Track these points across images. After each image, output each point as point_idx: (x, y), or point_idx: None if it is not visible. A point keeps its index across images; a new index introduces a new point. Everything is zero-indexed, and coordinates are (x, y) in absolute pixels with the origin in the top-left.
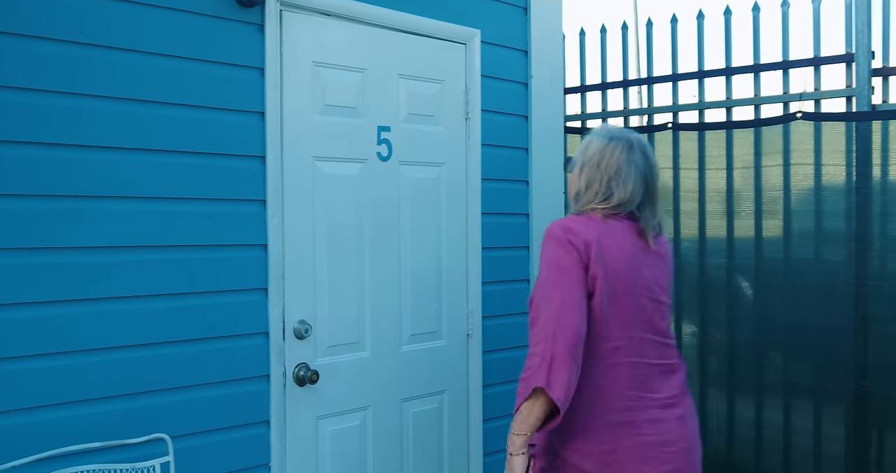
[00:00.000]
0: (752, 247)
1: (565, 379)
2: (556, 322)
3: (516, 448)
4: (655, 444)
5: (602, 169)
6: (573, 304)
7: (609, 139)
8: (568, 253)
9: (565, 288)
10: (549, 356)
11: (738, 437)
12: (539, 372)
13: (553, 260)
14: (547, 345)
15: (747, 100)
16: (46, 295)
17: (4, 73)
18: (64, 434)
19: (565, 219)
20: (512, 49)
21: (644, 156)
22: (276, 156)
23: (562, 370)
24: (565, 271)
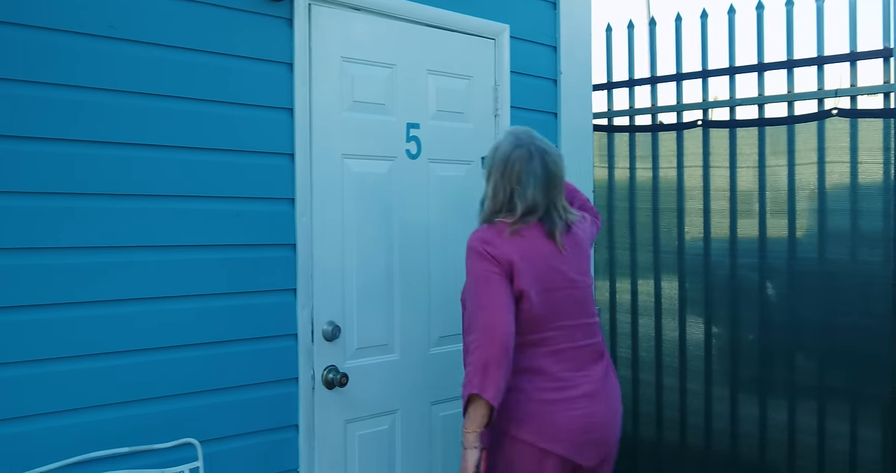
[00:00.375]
0: (785, 248)
1: (498, 383)
2: (486, 331)
3: (469, 443)
4: (584, 416)
5: (506, 178)
6: (500, 312)
7: (514, 147)
8: (490, 265)
9: (491, 298)
10: (482, 364)
11: (771, 440)
12: (475, 378)
13: (478, 274)
14: (480, 354)
15: (780, 96)
16: (72, 296)
17: (30, 68)
18: (91, 439)
19: (484, 233)
20: (541, 44)
21: (544, 164)
22: (305, 154)
23: (495, 375)
24: (489, 282)
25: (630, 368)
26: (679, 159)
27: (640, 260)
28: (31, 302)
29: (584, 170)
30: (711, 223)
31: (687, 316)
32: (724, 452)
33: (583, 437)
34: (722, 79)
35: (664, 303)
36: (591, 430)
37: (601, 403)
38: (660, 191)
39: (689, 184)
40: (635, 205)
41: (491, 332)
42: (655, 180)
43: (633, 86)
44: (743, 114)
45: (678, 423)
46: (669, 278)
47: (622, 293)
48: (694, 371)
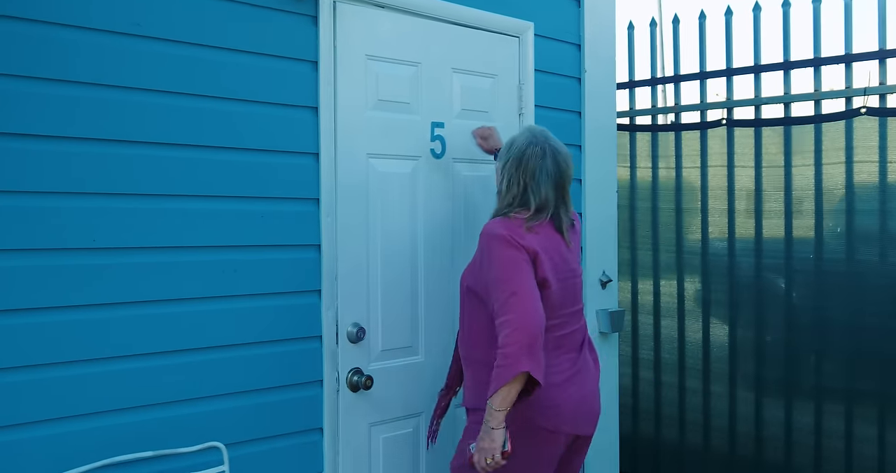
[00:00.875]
0: (812, 248)
1: (541, 360)
2: (524, 314)
3: (498, 422)
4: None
5: (520, 172)
6: (534, 296)
7: (529, 143)
8: (519, 252)
9: (525, 282)
10: (527, 344)
11: (797, 444)
12: (521, 359)
13: (508, 260)
14: (521, 335)
15: (807, 95)
16: (98, 298)
17: (55, 66)
18: (115, 443)
19: (506, 224)
20: (565, 42)
21: (556, 162)
22: (329, 153)
23: (538, 354)
24: (520, 268)
25: (652, 370)
26: (703, 159)
27: (663, 261)
28: (57, 304)
29: (608, 169)
30: (735, 223)
31: (710, 317)
32: (748, 456)
33: (580, 411)
34: (747, 77)
35: (687, 304)
36: (584, 403)
37: (588, 378)
38: (683, 190)
39: (713, 183)
40: (658, 205)
41: (529, 315)
42: (678, 180)
43: (656, 84)
44: (768, 113)
45: (701, 426)
46: (692, 279)
47: (644, 294)
48: (717, 373)
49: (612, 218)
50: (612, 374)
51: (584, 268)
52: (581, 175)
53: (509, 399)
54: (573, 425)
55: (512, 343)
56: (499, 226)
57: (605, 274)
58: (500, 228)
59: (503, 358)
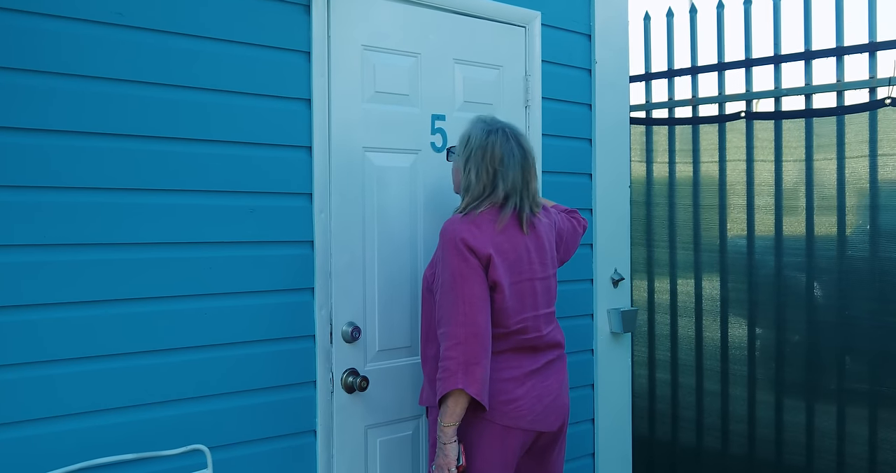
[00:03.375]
0: (834, 245)
1: (481, 376)
2: (465, 327)
3: (448, 437)
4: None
5: (486, 161)
6: (477, 308)
7: (488, 132)
8: (467, 261)
9: (471, 295)
10: (464, 360)
11: (819, 449)
12: (457, 375)
13: (456, 269)
14: (461, 350)
15: (829, 85)
16: (75, 295)
17: (33, 56)
18: (95, 445)
19: (460, 226)
20: (575, 33)
21: (519, 145)
22: (323, 147)
23: (477, 369)
24: (466, 279)
25: (669, 371)
26: (721, 153)
27: (680, 259)
28: (36, 302)
29: (620, 163)
30: (755, 220)
31: (729, 317)
32: (768, 461)
33: (541, 406)
34: (766, 68)
35: (705, 304)
36: (546, 396)
37: (552, 372)
38: (701, 186)
39: (732, 178)
40: (675, 201)
41: (472, 330)
42: (696, 175)
43: (673, 76)
44: (789, 104)
45: (719, 429)
46: (710, 277)
47: (661, 293)
48: (736, 374)
49: (625, 214)
50: (625, 375)
51: (595, 266)
52: (592, 170)
53: (457, 414)
54: (531, 420)
55: (451, 357)
56: (453, 229)
57: (617, 273)
58: (452, 233)
59: (442, 370)
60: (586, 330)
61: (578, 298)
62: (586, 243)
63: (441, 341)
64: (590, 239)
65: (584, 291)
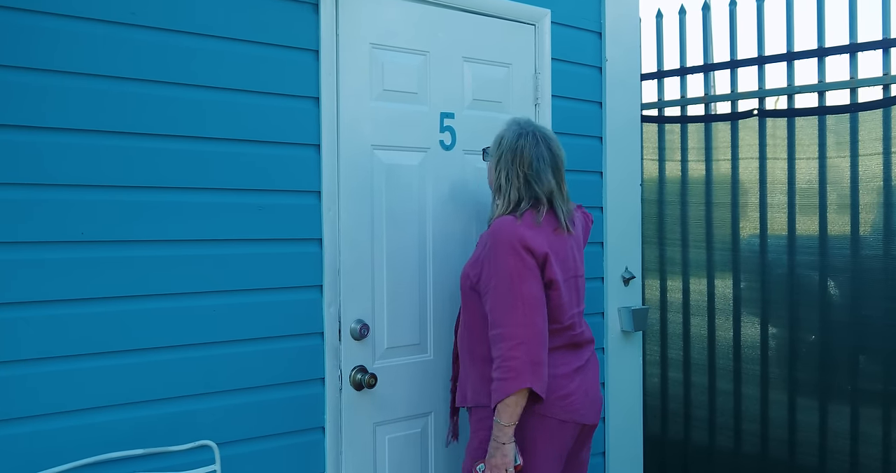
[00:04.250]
0: (849, 244)
1: (544, 375)
2: (525, 328)
3: (508, 437)
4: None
5: (517, 165)
6: (535, 308)
7: (518, 135)
8: (524, 261)
9: (526, 294)
10: (529, 360)
11: (832, 450)
12: (523, 374)
13: (511, 270)
14: (524, 350)
15: (843, 83)
16: (86, 292)
17: (46, 55)
18: (105, 440)
19: (514, 226)
20: (585, 30)
21: (549, 148)
22: (331, 145)
23: (542, 369)
24: (524, 279)
25: (681, 370)
26: (734, 151)
27: (693, 258)
28: (44, 298)
29: (631, 161)
30: (768, 218)
31: (742, 316)
32: (781, 461)
33: (587, 400)
34: (779, 65)
35: (718, 303)
36: (590, 392)
37: (591, 369)
38: (713, 184)
39: (745, 177)
40: (687, 199)
41: (533, 330)
42: (709, 173)
43: (685, 74)
44: (802, 102)
45: (732, 429)
46: (723, 276)
47: (673, 291)
48: (749, 374)
49: (636, 213)
50: (636, 374)
51: (606, 265)
52: (602, 168)
53: (517, 414)
54: (582, 414)
55: (515, 357)
56: (507, 227)
57: (628, 271)
58: (508, 231)
59: (506, 370)
60: (597, 328)
61: (589, 296)
62: (597, 241)
63: (496, 341)
64: (600, 237)
65: (595, 289)
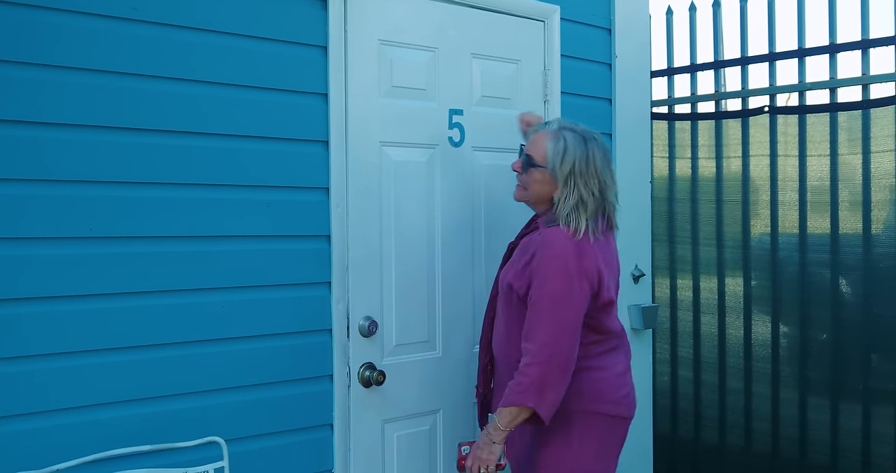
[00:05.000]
0: (861, 242)
1: (554, 400)
2: (554, 349)
3: (501, 439)
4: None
5: (592, 172)
6: (571, 333)
7: (584, 140)
8: (572, 288)
9: (561, 319)
10: (542, 382)
11: (843, 449)
12: (530, 391)
13: (555, 292)
14: (542, 370)
15: (854, 79)
16: (93, 287)
17: (47, 51)
18: (112, 436)
19: (570, 245)
20: (594, 27)
21: (604, 152)
22: (340, 141)
23: (551, 393)
24: (565, 304)
25: (691, 369)
26: (744, 148)
27: (703, 256)
28: (51, 294)
29: (641, 159)
30: (779, 216)
31: (753, 314)
32: (792, 459)
33: (632, 396)
34: (790, 62)
35: (728, 301)
36: (632, 389)
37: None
38: (724, 182)
39: (756, 174)
40: (698, 197)
41: (557, 356)
42: (719, 170)
43: (696, 71)
44: (813, 99)
45: (743, 428)
46: (734, 274)
47: (683, 289)
48: (760, 372)
49: (646, 210)
50: (646, 373)
51: None
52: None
53: (515, 423)
54: (634, 410)
55: (528, 374)
56: (561, 245)
57: (638, 269)
58: (562, 249)
59: (516, 384)
60: None
61: None
62: None
63: (523, 352)
64: None
65: None
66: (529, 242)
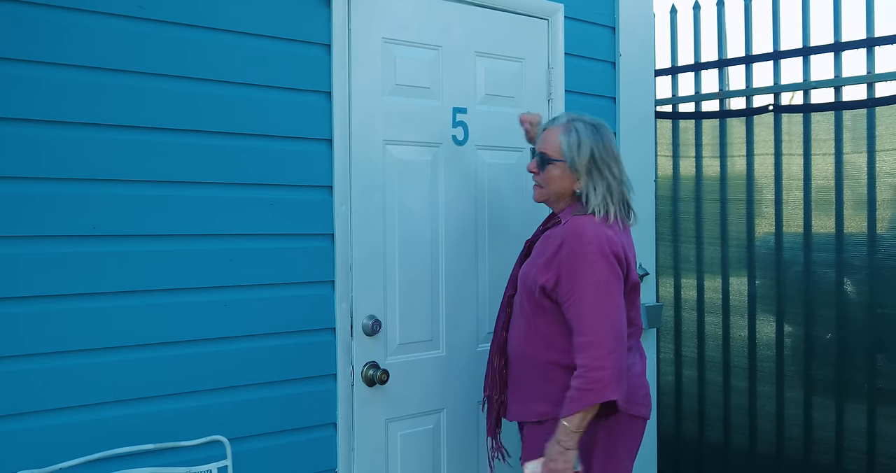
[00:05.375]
0: (866, 241)
1: (625, 386)
2: (614, 336)
3: (574, 443)
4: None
5: (610, 159)
6: (622, 317)
7: (596, 130)
8: (613, 268)
9: (615, 303)
10: (617, 370)
11: (848, 449)
12: (611, 385)
13: (601, 278)
14: (613, 360)
15: (859, 77)
16: (96, 286)
17: (54, 49)
18: (115, 435)
19: (599, 229)
20: (598, 25)
21: (613, 139)
22: (343, 140)
23: (624, 381)
24: (613, 288)
25: (696, 368)
26: (749, 147)
27: (707, 255)
28: (55, 292)
29: (645, 157)
30: (784, 215)
31: (757, 314)
32: (796, 459)
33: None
34: (795, 60)
35: (733, 300)
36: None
37: None
38: (728, 180)
39: (760, 173)
40: (702, 196)
41: (620, 342)
42: (723, 170)
43: (700, 70)
44: (818, 97)
45: (747, 427)
46: (738, 274)
47: (687, 289)
48: (764, 372)
49: (650, 208)
50: (651, 373)
51: None
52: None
53: (587, 421)
54: (651, 410)
55: (605, 367)
56: (591, 230)
57: (642, 268)
58: (594, 234)
59: (592, 381)
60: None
61: None
62: None
63: (583, 349)
64: None
65: None
66: (551, 236)
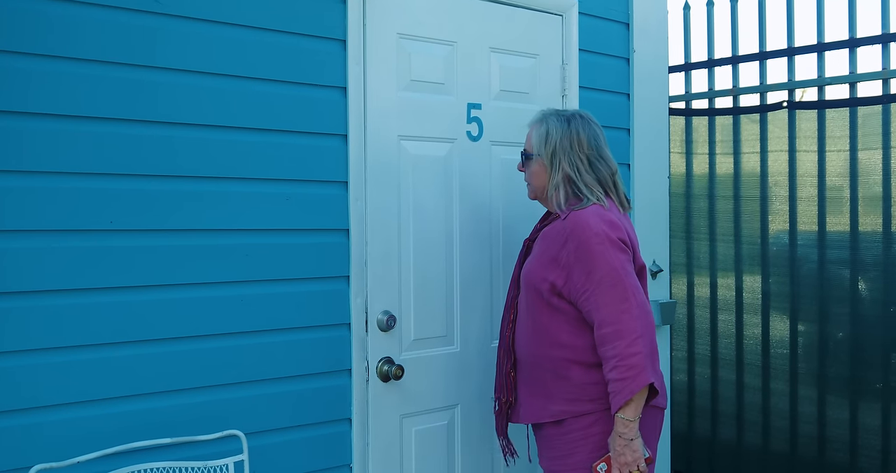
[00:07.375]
0: (880, 238)
1: (659, 367)
2: (641, 319)
3: (636, 432)
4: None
5: (576, 149)
6: (643, 299)
7: (567, 120)
8: (625, 253)
9: (636, 286)
10: (649, 353)
11: (863, 446)
12: (646, 370)
13: (617, 264)
14: (644, 344)
15: (874, 74)
16: (113, 280)
17: (72, 43)
18: (132, 429)
19: (604, 216)
20: (612, 21)
21: (596, 124)
22: (358, 135)
23: (657, 362)
24: (629, 272)
25: (709, 366)
26: (763, 144)
27: (721, 253)
28: (74, 286)
29: (659, 153)
30: (798, 212)
31: (771, 311)
32: (810, 458)
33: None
34: (809, 56)
35: (746, 298)
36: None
37: None
38: (742, 178)
39: (774, 170)
40: (715, 193)
41: (646, 320)
42: (737, 166)
43: (713, 66)
44: (833, 93)
45: (760, 425)
46: (752, 271)
47: (700, 286)
48: (778, 370)
49: (664, 205)
50: (664, 370)
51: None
52: (630, 160)
53: (640, 408)
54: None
55: (637, 352)
56: (595, 219)
57: (656, 264)
58: (598, 223)
59: (627, 368)
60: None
61: None
62: None
63: (610, 340)
64: None
65: None
66: (551, 232)
